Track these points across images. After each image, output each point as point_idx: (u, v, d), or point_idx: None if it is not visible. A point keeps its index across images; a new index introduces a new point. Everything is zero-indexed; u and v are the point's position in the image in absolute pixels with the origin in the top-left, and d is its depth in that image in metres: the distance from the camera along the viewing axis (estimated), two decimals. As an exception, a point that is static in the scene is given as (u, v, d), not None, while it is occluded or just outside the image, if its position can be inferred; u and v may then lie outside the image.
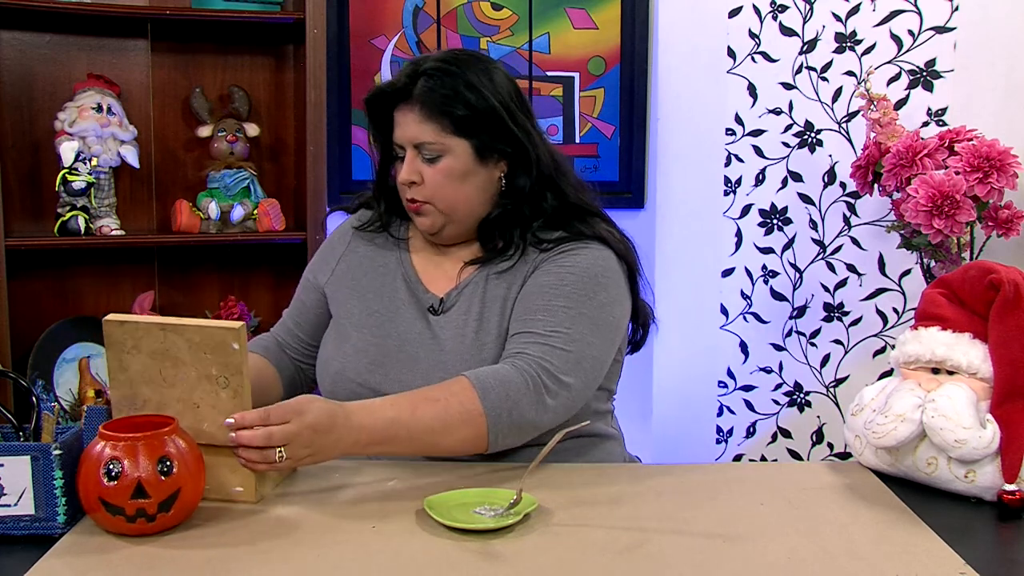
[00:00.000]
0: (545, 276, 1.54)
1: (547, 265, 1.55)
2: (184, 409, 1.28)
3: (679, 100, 2.76)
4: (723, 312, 2.74)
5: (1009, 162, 2.10)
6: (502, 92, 1.56)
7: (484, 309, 1.56)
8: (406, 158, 1.56)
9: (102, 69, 2.56)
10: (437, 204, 1.56)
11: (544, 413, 1.43)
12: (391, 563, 1.14)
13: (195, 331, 1.25)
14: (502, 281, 1.57)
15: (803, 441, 2.72)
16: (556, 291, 1.51)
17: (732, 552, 1.17)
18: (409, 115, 1.54)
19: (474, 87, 1.53)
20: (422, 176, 1.55)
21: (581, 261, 1.54)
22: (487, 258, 1.59)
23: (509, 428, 1.41)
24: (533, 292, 1.53)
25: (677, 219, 2.78)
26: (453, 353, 1.53)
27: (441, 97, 1.52)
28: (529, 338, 1.48)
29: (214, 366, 1.26)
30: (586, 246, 1.56)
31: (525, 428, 1.43)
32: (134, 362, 1.29)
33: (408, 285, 1.62)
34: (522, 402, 1.41)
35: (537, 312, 1.50)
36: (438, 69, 1.53)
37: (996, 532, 1.28)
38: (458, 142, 1.54)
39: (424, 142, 1.54)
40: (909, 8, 2.49)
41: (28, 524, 1.19)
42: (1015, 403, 1.32)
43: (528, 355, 1.45)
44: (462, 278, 1.60)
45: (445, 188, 1.55)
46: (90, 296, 2.65)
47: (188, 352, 1.26)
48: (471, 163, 1.55)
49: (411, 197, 1.57)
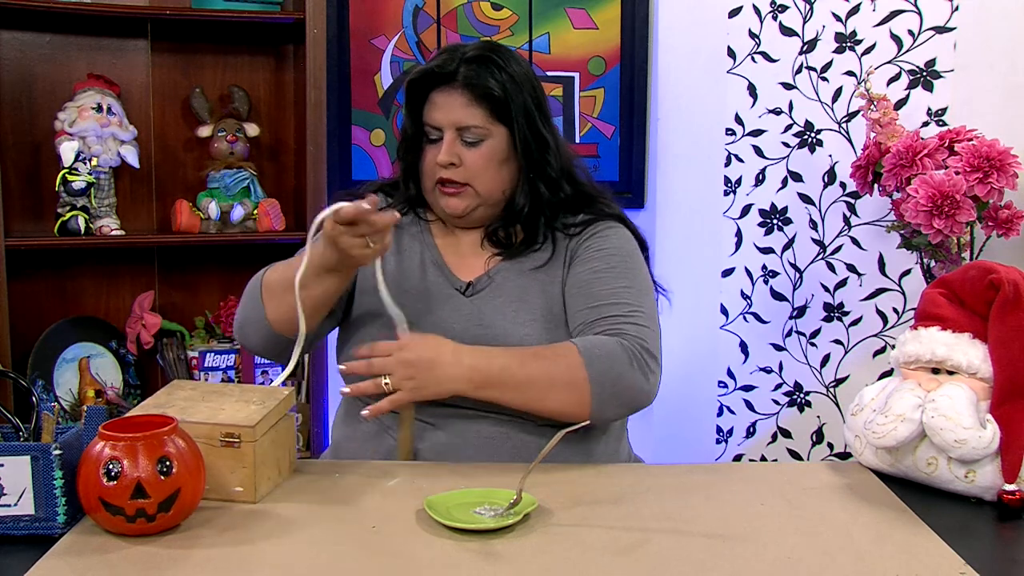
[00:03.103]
0: (591, 263, 1.60)
1: (586, 252, 1.61)
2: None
3: (679, 100, 2.76)
4: (723, 312, 2.74)
5: (1009, 162, 2.09)
6: (535, 86, 1.64)
7: (523, 292, 1.60)
8: (445, 140, 1.60)
9: (102, 69, 2.57)
10: (476, 186, 1.61)
11: (647, 387, 1.49)
12: (391, 563, 1.14)
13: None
14: (539, 272, 1.62)
15: (803, 441, 2.72)
16: (610, 274, 1.58)
17: (732, 552, 1.17)
18: (453, 98, 1.59)
19: (515, 79, 1.60)
20: (460, 158, 1.59)
21: (615, 242, 1.62)
22: (516, 251, 1.64)
23: (612, 398, 1.46)
24: (589, 279, 1.58)
25: (677, 219, 2.78)
26: (493, 327, 1.56)
27: (489, 83, 1.58)
28: (615, 320, 1.52)
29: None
30: (609, 226, 1.65)
31: (628, 401, 1.49)
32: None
33: (437, 267, 1.65)
34: (626, 375, 1.46)
35: (607, 296, 1.55)
36: (484, 57, 1.60)
37: (996, 532, 1.28)
38: (499, 128, 1.61)
39: (470, 125, 1.59)
40: (909, 8, 2.49)
41: (28, 524, 1.19)
42: (1015, 403, 1.32)
43: (627, 333, 1.50)
44: (490, 266, 1.64)
45: (485, 172, 1.60)
46: (90, 296, 2.65)
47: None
48: (508, 150, 1.62)
49: (447, 178, 1.60)
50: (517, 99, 1.60)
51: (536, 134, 1.62)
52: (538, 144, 1.63)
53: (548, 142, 1.64)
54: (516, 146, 1.62)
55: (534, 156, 1.63)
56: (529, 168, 1.63)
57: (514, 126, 1.61)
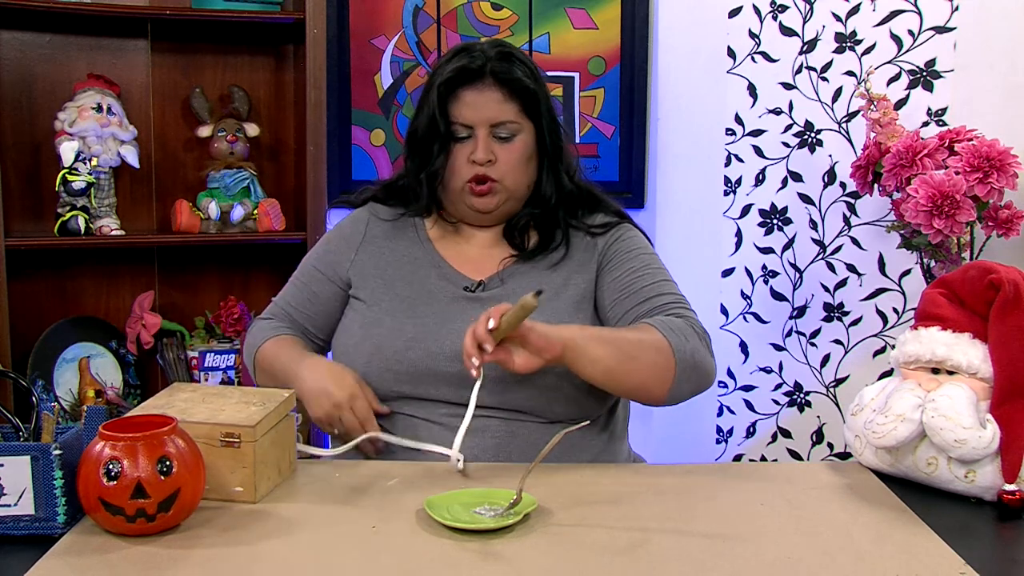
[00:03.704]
0: (626, 264, 1.63)
1: (616, 257, 1.64)
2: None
3: (679, 100, 2.76)
4: (723, 312, 2.74)
5: (1009, 162, 2.10)
6: (545, 82, 1.67)
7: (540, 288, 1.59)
8: (480, 137, 1.60)
9: (102, 69, 2.57)
10: (507, 182, 1.62)
11: (714, 366, 1.55)
12: (391, 563, 1.14)
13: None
14: (553, 271, 1.63)
15: (803, 441, 2.72)
16: (647, 271, 1.62)
17: (732, 552, 1.17)
18: (487, 95, 1.60)
19: (536, 75, 1.63)
20: (495, 155, 1.60)
21: (640, 243, 1.68)
22: (532, 253, 1.65)
23: (692, 371, 1.50)
24: (629, 281, 1.61)
25: (677, 219, 2.78)
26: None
27: (521, 78, 1.60)
28: (671, 307, 1.57)
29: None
30: (628, 230, 1.69)
31: (702, 377, 1.52)
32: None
33: (438, 271, 1.64)
34: (700, 350, 1.52)
35: (653, 290, 1.59)
36: (507, 54, 1.61)
37: (996, 532, 1.28)
38: (528, 123, 1.63)
39: (505, 121, 1.60)
40: (909, 8, 2.49)
41: (28, 524, 1.19)
42: (1015, 403, 1.32)
43: (688, 317, 1.56)
44: (502, 267, 1.64)
45: (518, 167, 1.62)
46: (90, 296, 2.65)
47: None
48: (534, 144, 1.64)
49: (483, 175, 1.60)
50: (541, 92, 1.63)
51: (557, 128, 1.66)
52: (558, 136, 1.66)
53: (563, 137, 1.68)
54: (545, 139, 1.64)
55: (557, 148, 1.66)
56: (553, 160, 1.66)
57: (542, 120, 1.63)
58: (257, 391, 1.45)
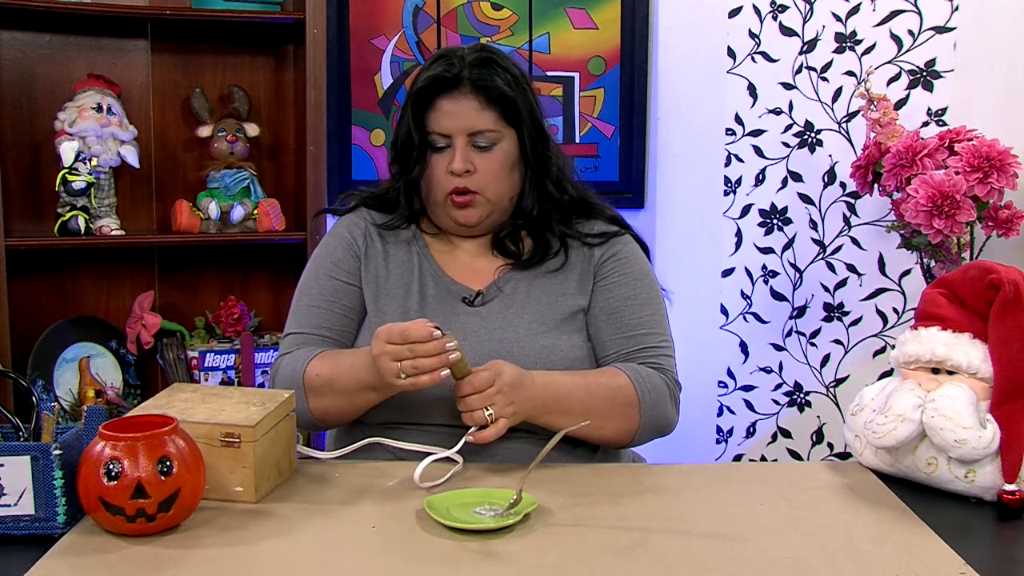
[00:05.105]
0: (619, 288, 1.62)
1: (612, 276, 1.63)
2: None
3: (679, 100, 2.76)
4: (723, 312, 2.74)
5: (1009, 162, 2.09)
6: (531, 86, 1.62)
7: (534, 301, 1.60)
8: (457, 147, 1.56)
9: (102, 69, 2.57)
10: (488, 193, 1.59)
11: (675, 421, 1.60)
12: (391, 563, 1.14)
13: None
14: (550, 279, 1.62)
15: (803, 441, 2.72)
16: (637, 301, 1.61)
17: (732, 552, 1.17)
18: (463, 103, 1.56)
19: (518, 81, 1.58)
20: (474, 165, 1.57)
21: (636, 264, 1.65)
22: (528, 262, 1.63)
23: (652, 430, 1.56)
24: (619, 307, 1.61)
25: (677, 219, 2.78)
26: (506, 341, 1.54)
27: (499, 85, 1.56)
28: (651, 352, 1.58)
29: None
30: (625, 244, 1.67)
31: (660, 431, 1.58)
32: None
33: (435, 280, 1.63)
34: (667, 409, 1.56)
35: (637, 326, 1.60)
36: (486, 59, 1.57)
37: (996, 532, 1.28)
38: (509, 131, 1.59)
39: (483, 129, 1.56)
40: (909, 8, 2.49)
41: (28, 524, 1.19)
42: (1015, 403, 1.32)
43: (664, 368, 1.58)
44: (498, 276, 1.62)
45: (498, 178, 1.58)
46: (90, 296, 2.65)
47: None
48: (516, 153, 1.60)
49: (462, 187, 1.57)
50: (522, 99, 1.58)
51: (541, 135, 1.61)
52: (543, 145, 1.61)
53: (550, 142, 1.63)
54: (525, 148, 1.59)
55: (540, 157, 1.61)
56: (536, 170, 1.61)
57: (523, 127, 1.58)
58: (257, 391, 1.45)
